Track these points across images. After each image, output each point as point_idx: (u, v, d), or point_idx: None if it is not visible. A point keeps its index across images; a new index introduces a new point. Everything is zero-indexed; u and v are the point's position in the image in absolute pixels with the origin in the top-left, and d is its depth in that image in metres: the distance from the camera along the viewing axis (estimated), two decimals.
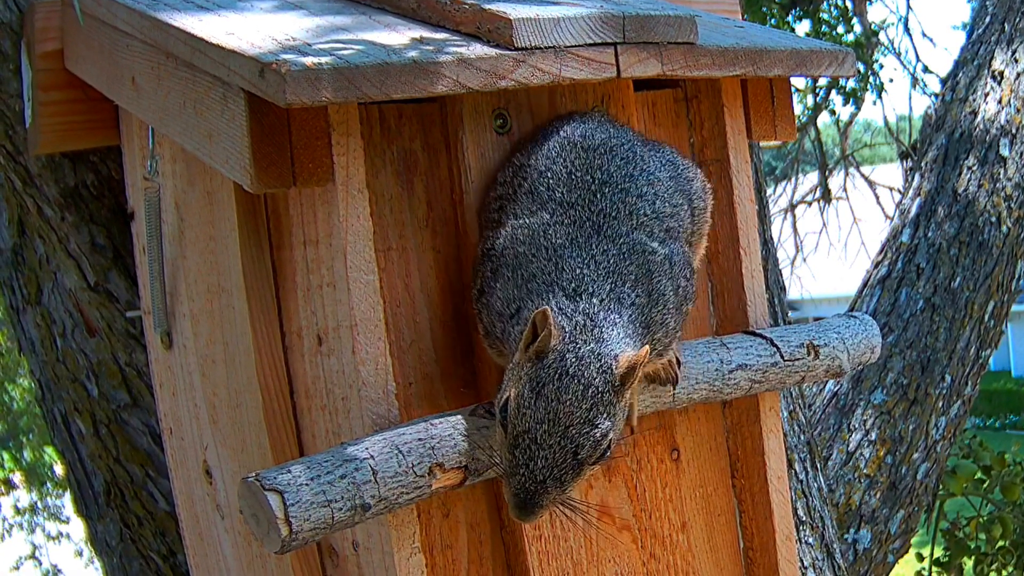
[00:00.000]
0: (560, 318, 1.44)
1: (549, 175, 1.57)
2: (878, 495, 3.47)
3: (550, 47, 1.51)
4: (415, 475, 1.44)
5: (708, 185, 1.75)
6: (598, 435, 1.40)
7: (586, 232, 1.52)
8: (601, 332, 1.44)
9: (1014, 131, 3.75)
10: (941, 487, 4.14)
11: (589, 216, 1.53)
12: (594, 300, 1.47)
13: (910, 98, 9.95)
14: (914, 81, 8.19)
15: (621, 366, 1.42)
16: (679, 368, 1.65)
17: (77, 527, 9.41)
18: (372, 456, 1.41)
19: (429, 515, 1.60)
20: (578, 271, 1.49)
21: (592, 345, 1.43)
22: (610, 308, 1.47)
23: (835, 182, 9.42)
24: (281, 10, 1.67)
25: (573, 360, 1.41)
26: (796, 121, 1.93)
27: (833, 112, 8.99)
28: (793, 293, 9.80)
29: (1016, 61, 3.83)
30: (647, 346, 1.45)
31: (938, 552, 4.67)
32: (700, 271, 1.78)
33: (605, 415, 1.41)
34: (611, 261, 1.50)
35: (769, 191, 9.49)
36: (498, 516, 1.67)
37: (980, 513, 4.64)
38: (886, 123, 8.81)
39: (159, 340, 2.01)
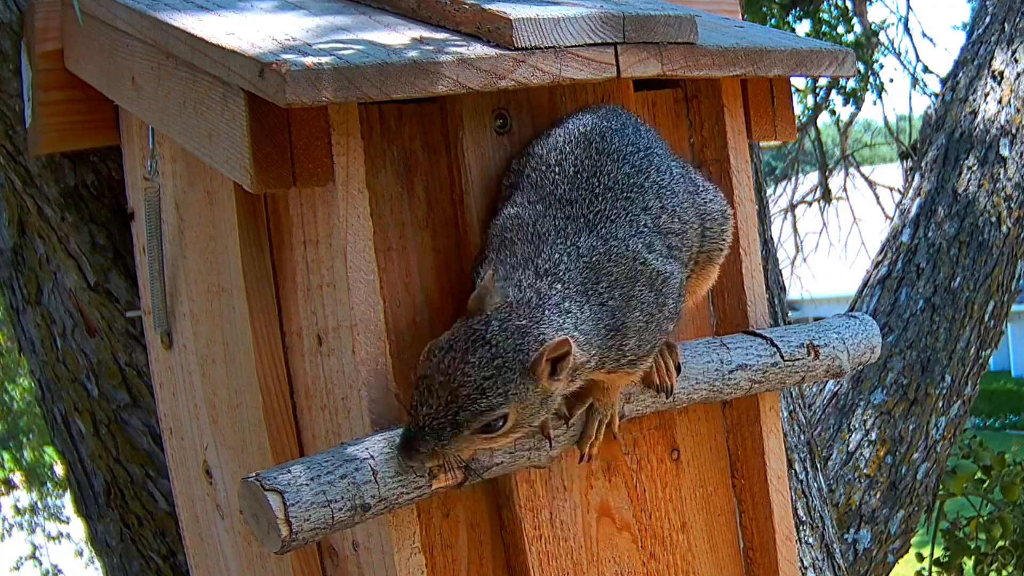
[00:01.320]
0: (511, 288, 1.45)
1: (557, 170, 1.57)
2: (878, 495, 3.47)
3: (550, 47, 1.51)
4: (415, 475, 1.44)
5: (729, 211, 1.73)
6: (483, 406, 1.39)
7: (577, 227, 1.52)
8: (543, 313, 1.43)
9: (1014, 131, 3.75)
10: (941, 487, 4.14)
11: (584, 214, 1.53)
12: (557, 285, 1.46)
13: (910, 98, 9.99)
14: (914, 81, 8.20)
15: (541, 351, 1.40)
16: (676, 375, 1.65)
17: (77, 527, 9.41)
18: (372, 456, 1.42)
19: (429, 515, 1.60)
20: (556, 256, 1.49)
21: (524, 322, 1.42)
22: (571, 298, 1.46)
23: (835, 182, 9.43)
24: (281, 10, 1.67)
25: (496, 328, 1.41)
26: (796, 121, 1.93)
27: (833, 112, 9.00)
28: (793, 293, 9.80)
29: (1016, 61, 3.83)
30: (567, 337, 1.41)
31: (938, 552, 4.67)
32: None
33: (502, 392, 1.39)
34: (594, 258, 1.50)
35: (769, 191, 9.49)
36: (498, 516, 1.67)
37: (980, 513, 4.63)
38: (886, 123, 8.82)
39: (159, 340, 2.01)
